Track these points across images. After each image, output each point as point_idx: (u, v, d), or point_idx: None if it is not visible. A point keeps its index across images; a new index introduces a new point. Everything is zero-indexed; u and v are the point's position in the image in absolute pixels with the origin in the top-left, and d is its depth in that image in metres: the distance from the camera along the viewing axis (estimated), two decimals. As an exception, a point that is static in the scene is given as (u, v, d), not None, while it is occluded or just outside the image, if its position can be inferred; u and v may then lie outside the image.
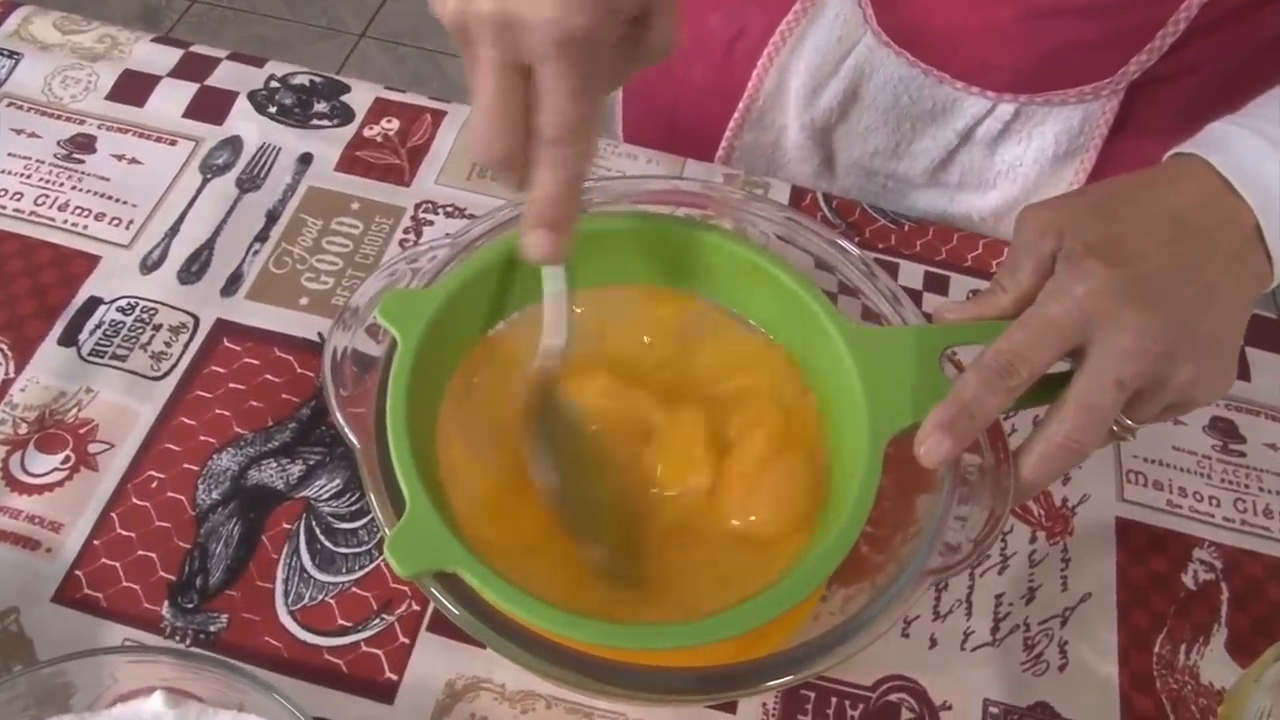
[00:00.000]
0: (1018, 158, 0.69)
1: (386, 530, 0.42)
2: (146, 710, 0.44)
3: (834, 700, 0.52)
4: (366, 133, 0.70)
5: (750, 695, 0.49)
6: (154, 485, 0.55)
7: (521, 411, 0.47)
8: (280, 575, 0.53)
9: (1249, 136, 0.45)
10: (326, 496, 0.55)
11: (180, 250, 0.63)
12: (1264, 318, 0.70)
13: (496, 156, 0.42)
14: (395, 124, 0.70)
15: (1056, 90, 0.65)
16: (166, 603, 0.51)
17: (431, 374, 0.46)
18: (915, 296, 0.66)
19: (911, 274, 0.67)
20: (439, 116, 0.71)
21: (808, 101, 0.71)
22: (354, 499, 0.55)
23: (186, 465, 0.55)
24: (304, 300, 0.62)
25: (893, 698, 0.53)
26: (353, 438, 0.45)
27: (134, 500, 0.54)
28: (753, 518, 0.47)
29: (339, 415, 0.45)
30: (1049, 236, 0.44)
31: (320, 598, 0.52)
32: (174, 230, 0.64)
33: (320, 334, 0.61)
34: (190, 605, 0.51)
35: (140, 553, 0.53)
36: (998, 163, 0.71)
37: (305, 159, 0.68)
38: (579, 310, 0.50)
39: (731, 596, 0.43)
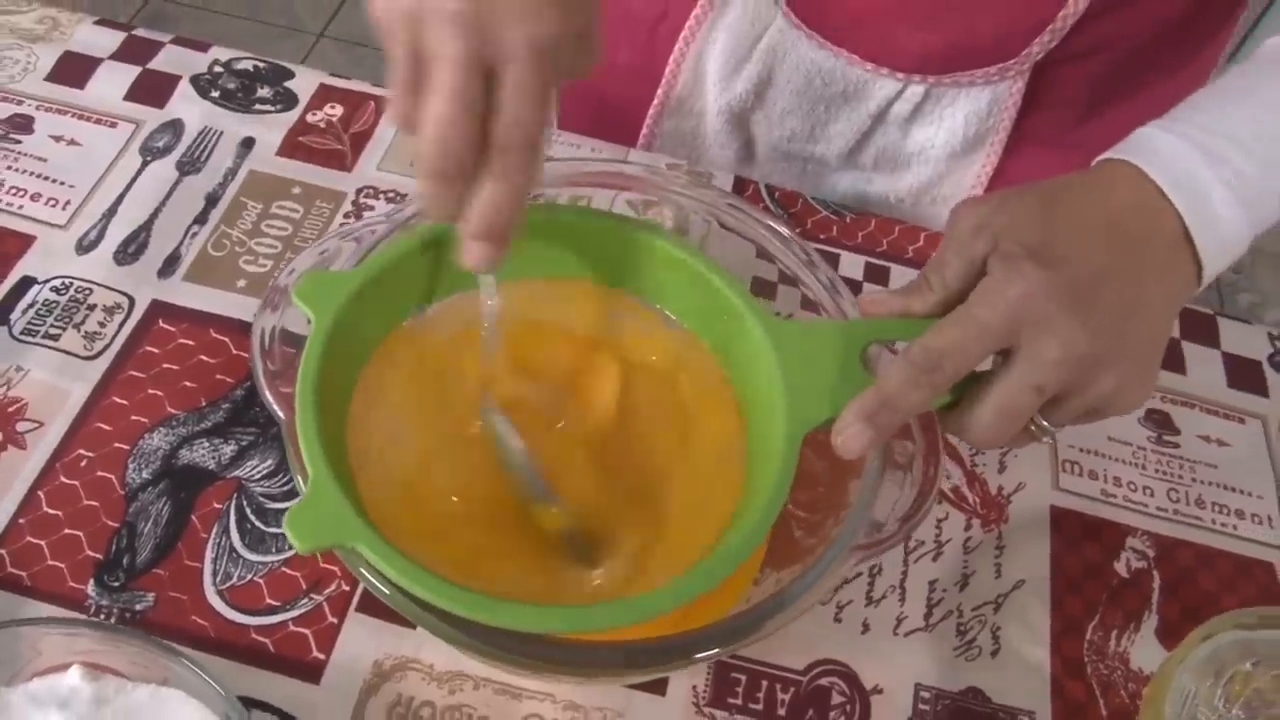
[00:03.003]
0: (929, 139, 0.70)
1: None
2: (64, 684, 0.43)
3: (764, 683, 0.52)
4: (310, 118, 0.70)
5: (678, 669, 0.49)
6: (83, 464, 0.54)
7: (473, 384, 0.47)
8: (209, 555, 0.52)
9: (1177, 142, 0.45)
10: (258, 477, 0.55)
11: (117, 232, 0.62)
12: (1200, 313, 0.71)
13: (455, 160, 0.39)
14: (339, 110, 0.70)
15: (964, 72, 0.65)
16: (92, 581, 0.51)
17: (346, 356, 0.46)
18: (855, 287, 0.67)
19: (852, 265, 0.68)
20: (383, 103, 0.71)
21: (724, 85, 0.72)
22: (286, 479, 0.55)
23: (117, 444, 0.55)
24: (241, 283, 0.61)
25: (824, 681, 0.53)
26: (279, 412, 0.44)
27: (62, 479, 0.53)
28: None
29: (266, 391, 0.44)
30: (983, 237, 0.44)
31: (249, 577, 0.52)
32: (112, 211, 0.63)
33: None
34: (116, 584, 0.51)
35: (67, 531, 0.52)
36: (911, 144, 0.72)
37: (247, 143, 0.67)
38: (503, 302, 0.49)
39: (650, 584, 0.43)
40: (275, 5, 2.13)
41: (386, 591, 0.41)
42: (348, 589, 0.52)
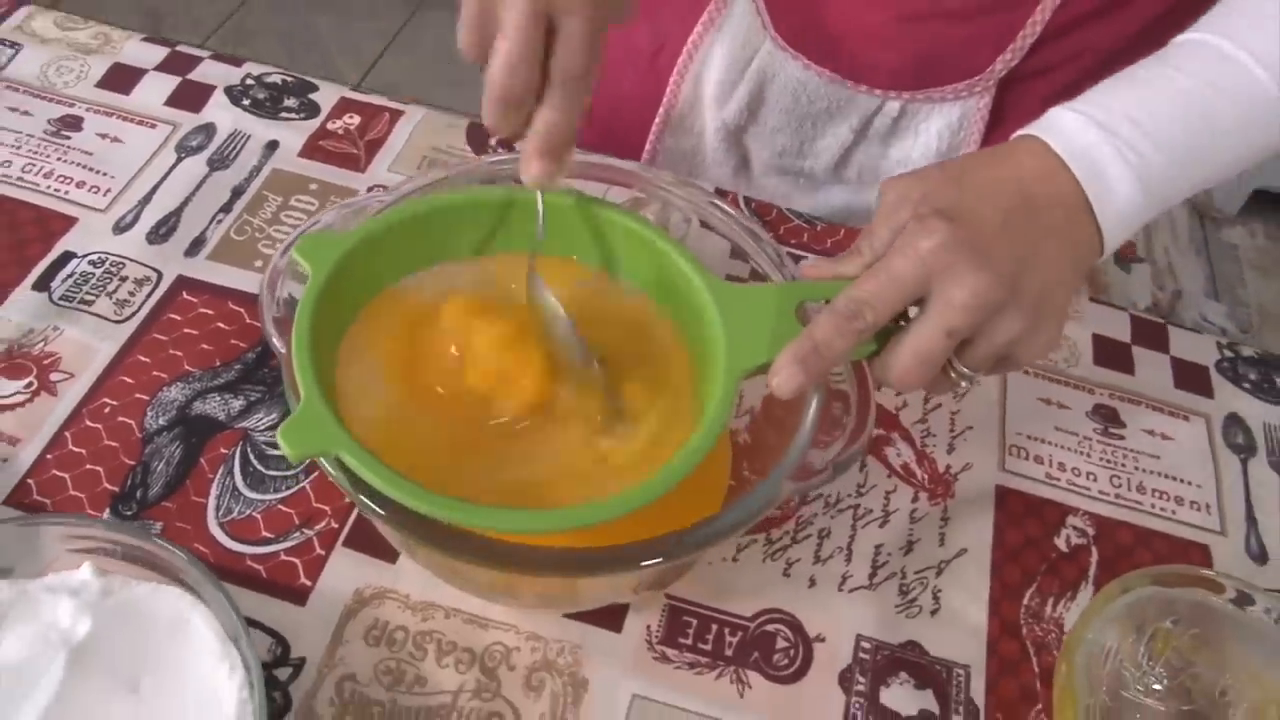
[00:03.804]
0: (907, 153, 0.76)
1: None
2: (75, 578, 0.49)
3: (714, 627, 0.57)
4: (329, 125, 0.77)
5: (624, 571, 0.51)
6: (107, 410, 0.60)
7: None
8: (214, 492, 0.58)
9: (1079, 119, 0.51)
10: (263, 428, 0.61)
11: (151, 216, 0.69)
12: (1149, 320, 0.76)
13: (518, 91, 0.47)
14: (356, 119, 0.77)
15: (935, 88, 0.71)
16: (108, 510, 0.56)
17: (338, 306, 0.51)
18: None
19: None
20: (397, 115, 0.78)
21: (720, 105, 0.78)
22: (288, 431, 0.60)
23: (138, 395, 0.61)
24: (259, 263, 0.68)
25: (770, 628, 0.57)
26: (278, 345, 0.50)
27: (87, 423, 0.59)
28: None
29: (269, 325, 0.50)
30: (906, 205, 0.49)
31: (248, 512, 0.57)
32: (147, 199, 0.70)
33: (271, 291, 0.66)
34: (130, 513, 0.56)
35: (89, 467, 0.58)
36: (890, 158, 0.78)
37: (272, 145, 0.75)
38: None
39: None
40: (314, 59, 2.25)
41: (374, 508, 0.46)
42: (335, 526, 0.57)
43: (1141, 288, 1.37)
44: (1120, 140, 0.50)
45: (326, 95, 0.79)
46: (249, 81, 0.79)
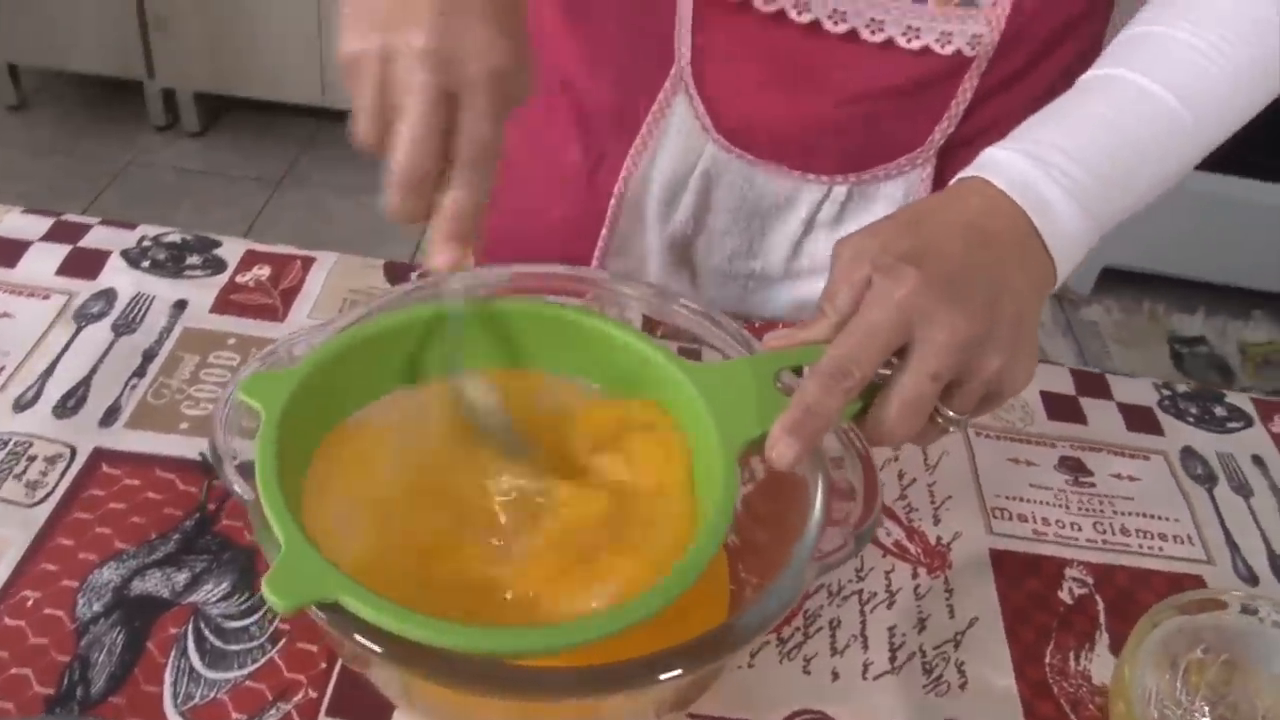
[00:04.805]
0: None
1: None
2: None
3: (746, 736, 0.52)
4: (239, 279, 0.73)
5: (640, 688, 0.48)
6: (29, 604, 0.53)
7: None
8: (168, 678, 0.51)
9: (1014, 155, 0.53)
10: (215, 599, 0.54)
11: (55, 389, 0.63)
12: (1087, 372, 0.77)
13: (425, 172, 0.46)
14: (267, 270, 0.74)
15: (880, 166, 0.73)
16: (43, 717, 0.49)
17: (296, 445, 0.47)
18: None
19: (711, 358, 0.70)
20: (309, 262, 0.75)
21: (665, 217, 0.77)
22: (244, 599, 0.54)
23: (65, 582, 0.54)
24: (184, 425, 0.62)
25: (804, 728, 0.53)
26: (244, 491, 0.45)
27: (6, 621, 0.52)
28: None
29: (229, 473, 0.45)
30: (863, 260, 0.49)
31: (212, 695, 0.50)
32: (49, 371, 0.64)
33: (202, 453, 0.61)
34: (71, 716, 0.49)
35: (14, 671, 0.50)
36: None
37: (180, 304, 0.70)
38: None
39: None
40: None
41: (375, 648, 0.41)
42: (315, 695, 0.51)
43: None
44: (1054, 168, 0.52)
45: (231, 249, 0.75)
46: (146, 243, 0.74)
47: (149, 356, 0.66)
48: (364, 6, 0.48)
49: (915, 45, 0.67)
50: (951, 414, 0.50)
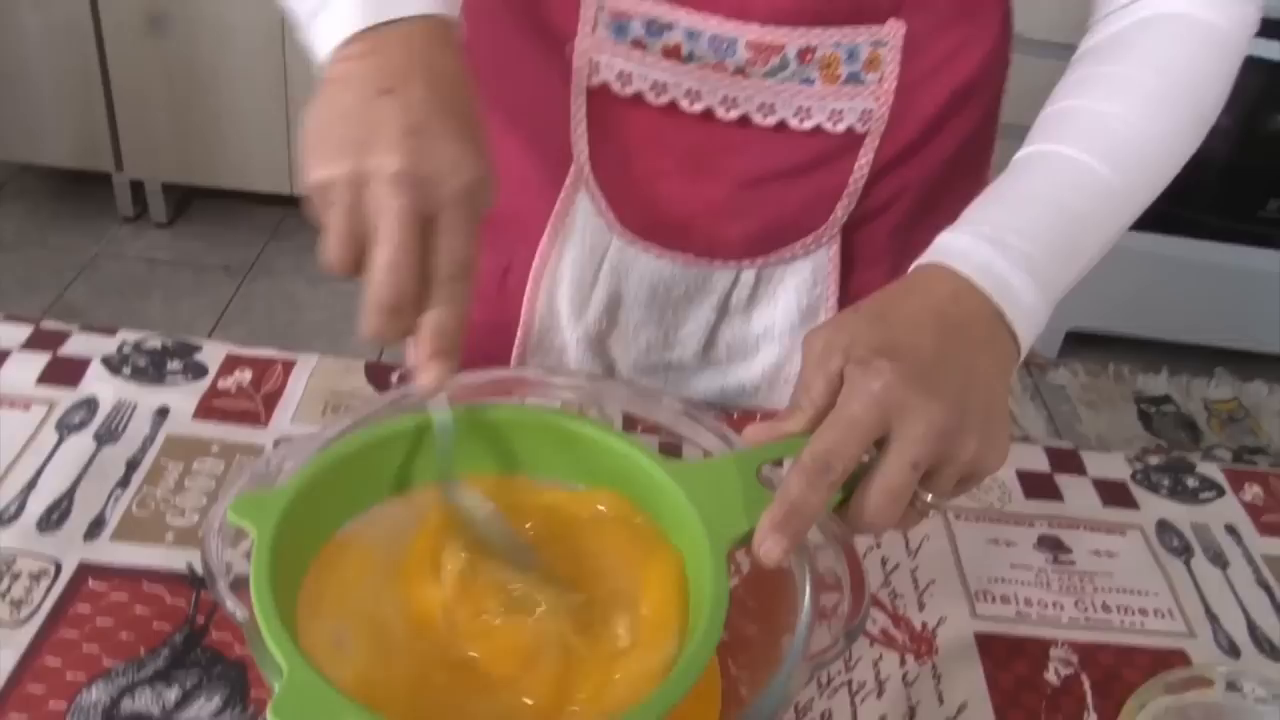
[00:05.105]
0: (770, 319, 0.77)
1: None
2: None
3: (746, 837, 0.52)
4: (220, 384, 0.73)
5: None
6: (17, 729, 0.52)
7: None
8: (160, 800, 0.50)
9: (970, 240, 0.54)
10: (207, 715, 0.54)
11: (38, 503, 0.63)
12: (1060, 449, 0.79)
13: (407, 294, 0.46)
14: (248, 374, 0.74)
15: (785, 247, 0.74)
16: (34, 847, 0.48)
17: (289, 564, 0.47)
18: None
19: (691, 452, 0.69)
20: (289, 365, 0.75)
21: (578, 316, 0.78)
22: (237, 712, 0.54)
23: (53, 705, 0.53)
24: (170, 536, 0.62)
25: (804, 825, 0.53)
26: (239, 612, 0.45)
27: (-6, 747, 0.51)
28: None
29: (223, 591, 0.45)
30: (835, 353, 0.50)
31: (205, 815, 0.50)
32: (31, 485, 0.64)
33: (190, 564, 0.61)
34: (61, 845, 0.48)
35: (3, 800, 0.49)
36: (754, 329, 0.78)
37: (162, 411, 0.70)
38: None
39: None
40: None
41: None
42: (310, 811, 0.50)
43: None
44: (1011, 249, 0.54)
45: (212, 353, 0.76)
46: (126, 350, 0.74)
47: (133, 466, 0.66)
48: (328, 132, 0.49)
49: (807, 125, 0.69)
50: (930, 498, 0.51)
